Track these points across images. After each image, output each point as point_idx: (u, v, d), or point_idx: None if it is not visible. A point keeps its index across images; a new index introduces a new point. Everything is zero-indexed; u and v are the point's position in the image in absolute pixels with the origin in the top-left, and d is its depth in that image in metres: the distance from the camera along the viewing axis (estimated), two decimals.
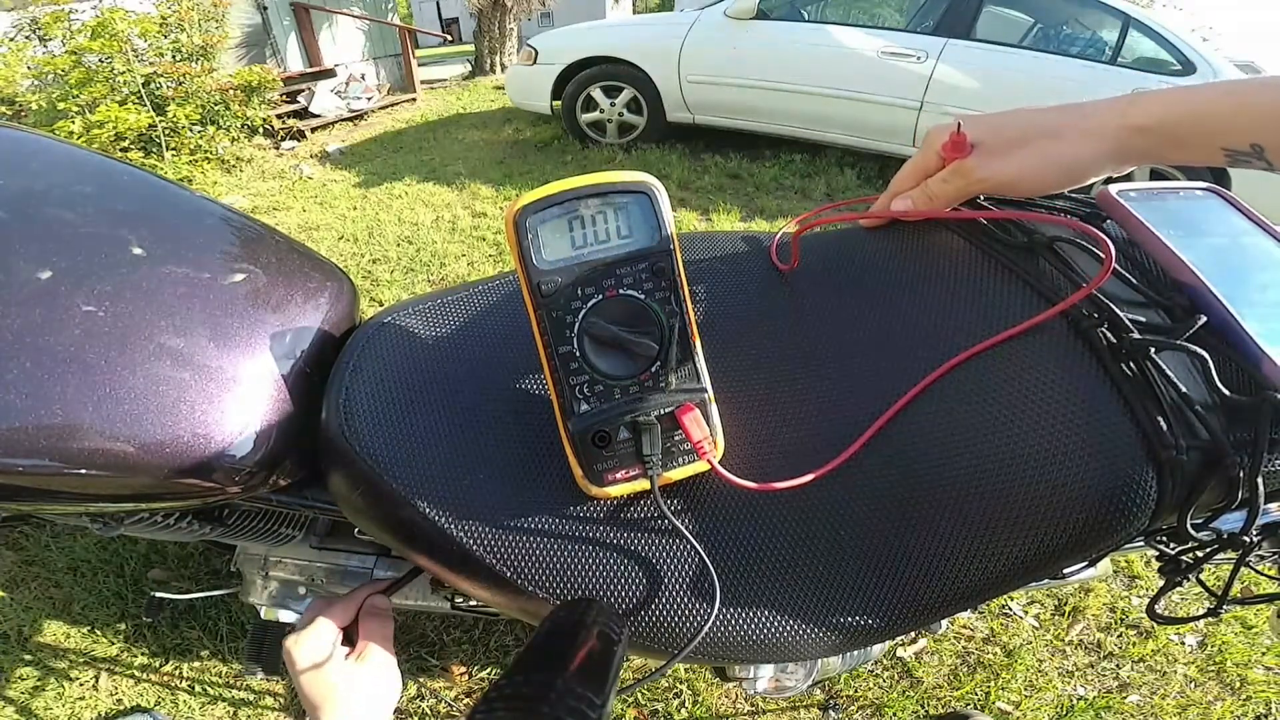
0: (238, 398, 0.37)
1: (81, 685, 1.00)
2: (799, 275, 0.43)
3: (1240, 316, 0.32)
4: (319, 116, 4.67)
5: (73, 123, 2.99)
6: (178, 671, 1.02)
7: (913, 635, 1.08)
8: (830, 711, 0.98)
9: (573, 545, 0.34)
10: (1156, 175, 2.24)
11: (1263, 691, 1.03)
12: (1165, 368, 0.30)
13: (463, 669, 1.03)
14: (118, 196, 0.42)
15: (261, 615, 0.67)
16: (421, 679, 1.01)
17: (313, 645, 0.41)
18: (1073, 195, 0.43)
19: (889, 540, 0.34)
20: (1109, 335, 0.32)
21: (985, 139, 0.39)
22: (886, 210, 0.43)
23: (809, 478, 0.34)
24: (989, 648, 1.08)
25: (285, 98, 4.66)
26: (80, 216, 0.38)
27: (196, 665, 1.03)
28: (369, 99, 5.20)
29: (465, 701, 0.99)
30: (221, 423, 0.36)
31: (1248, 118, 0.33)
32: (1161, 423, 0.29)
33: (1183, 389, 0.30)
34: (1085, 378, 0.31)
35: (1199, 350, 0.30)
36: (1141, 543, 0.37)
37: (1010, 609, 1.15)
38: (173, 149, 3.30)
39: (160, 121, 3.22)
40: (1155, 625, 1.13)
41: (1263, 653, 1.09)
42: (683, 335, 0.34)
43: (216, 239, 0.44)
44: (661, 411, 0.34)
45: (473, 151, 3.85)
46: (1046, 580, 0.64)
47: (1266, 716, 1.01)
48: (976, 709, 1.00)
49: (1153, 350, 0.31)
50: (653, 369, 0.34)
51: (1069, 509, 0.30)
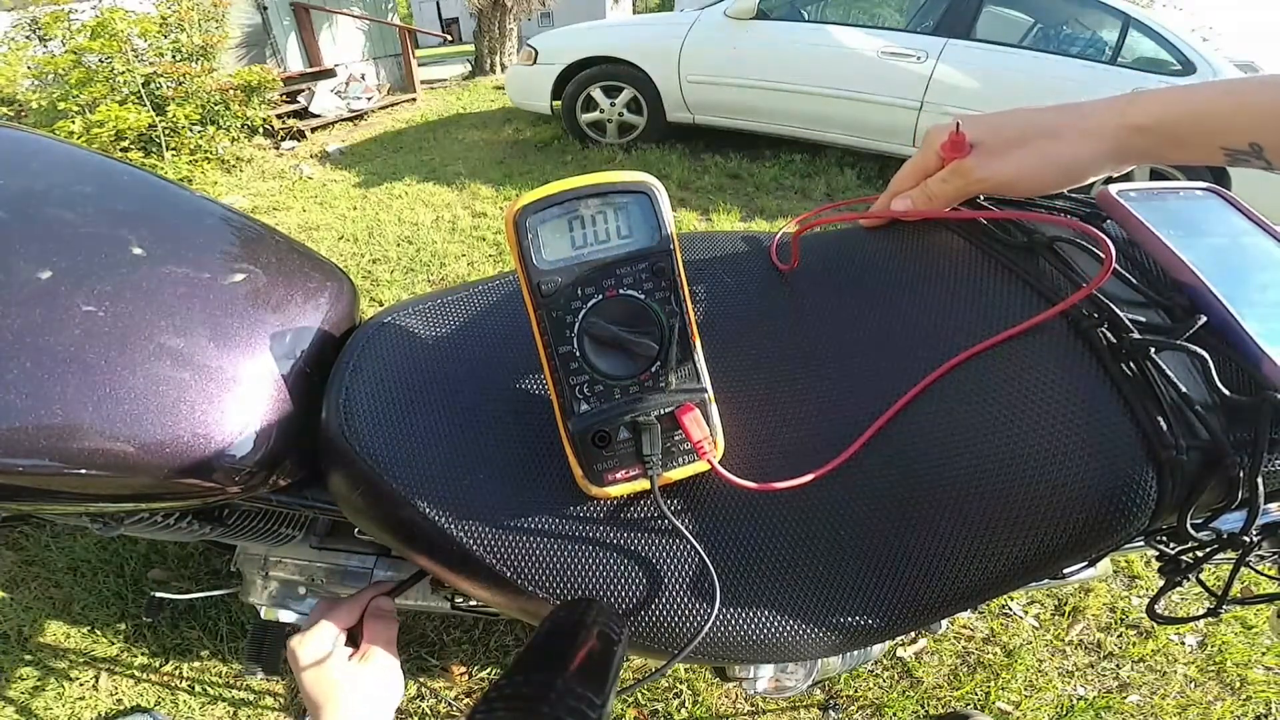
0: (238, 398, 0.37)
1: (81, 685, 1.00)
2: (799, 275, 0.43)
3: (1240, 316, 0.32)
4: (319, 116, 4.67)
5: (73, 123, 2.99)
6: (178, 671, 1.02)
7: (913, 635, 1.08)
8: (830, 711, 0.98)
9: (573, 545, 0.34)
10: (1156, 175, 2.24)
11: (1263, 691, 1.03)
12: (1165, 368, 0.30)
13: (463, 669, 1.03)
14: (118, 196, 0.42)
15: (261, 615, 0.67)
16: (421, 679, 1.01)
17: (317, 645, 0.41)
18: (1073, 195, 0.43)
19: (889, 540, 0.34)
20: (1109, 335, 0.32)
21: (984, 139, 0.39)
22: (886, 210, 0.43)
23: (809, 478, 0.34)
24: (989, 648, 1.08)
25: (285, 98, 4.66)
26: (80, 216, 0.38)
27: (196, 665, 1.03)
28: (369, 99, 5.20)
29: (465, 701, 0.99)
30: (221, 423, 0.36)
31: (1247, 117, 0.33)
32: (1161, 423, 0.29)
33: (1183, 389, 0.30)
34: (1085, 378, 0.31)
35: (1199, 350, 0.30)
36: (1141, 543, 0.37)
37: (1010, 609, 1.15)
38: (173, 149, 3.30)
39: (160, 121, 3.22)
40: (1155, 625, 1.13)
41: (1263, 653, 1.09)
42: (683, 335, 0.34)
43: (216, 239, 0.44)
44: (661, 411, 0.34)
45: (473, 151, 3.85)
46: (1046, 580, 0.64)
47: (1266, 716, 1.01)
48: (976, 709, 1.00)
49: (1153, 350, 0.31)
50: (653, 369, 0.34)
51: (1069, 509, 0.30)
